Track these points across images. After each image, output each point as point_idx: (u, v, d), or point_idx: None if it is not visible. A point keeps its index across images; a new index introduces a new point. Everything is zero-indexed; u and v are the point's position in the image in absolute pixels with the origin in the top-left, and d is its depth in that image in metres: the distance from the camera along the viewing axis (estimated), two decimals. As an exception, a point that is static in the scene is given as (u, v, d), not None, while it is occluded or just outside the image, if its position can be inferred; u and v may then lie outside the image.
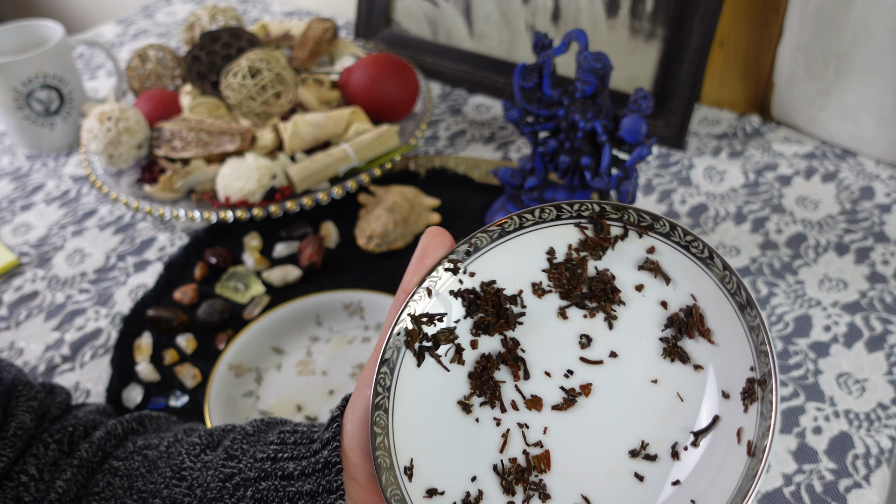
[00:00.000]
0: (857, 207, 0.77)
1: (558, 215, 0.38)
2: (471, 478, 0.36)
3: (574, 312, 0.38)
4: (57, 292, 0.73)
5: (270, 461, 0.39)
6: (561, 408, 0.36)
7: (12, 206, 0.85)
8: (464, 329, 0.38)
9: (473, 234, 0.38)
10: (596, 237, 0.38)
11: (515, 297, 0.39)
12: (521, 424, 0.36)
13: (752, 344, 0.33)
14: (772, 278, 0.69)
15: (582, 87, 0.63)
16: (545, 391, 0.37)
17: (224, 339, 0.66)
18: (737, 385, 0.33)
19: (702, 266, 0.35)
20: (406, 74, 0.82)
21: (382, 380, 0.37)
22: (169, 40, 1.17)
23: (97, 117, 0.76)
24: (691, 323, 0.35)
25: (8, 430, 0.42)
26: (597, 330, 0.37)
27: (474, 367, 0.38)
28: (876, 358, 0.62)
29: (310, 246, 0.73)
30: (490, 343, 0.38)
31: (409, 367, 0.37)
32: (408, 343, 0.37)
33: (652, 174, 0.83)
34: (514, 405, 0.37)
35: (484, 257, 0.39)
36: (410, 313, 0.38)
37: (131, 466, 0.42)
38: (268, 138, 0.76)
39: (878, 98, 0.77)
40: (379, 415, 0.36)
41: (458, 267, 0.38)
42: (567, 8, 0.88)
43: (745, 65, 0.88)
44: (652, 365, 0.36)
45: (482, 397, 0.37)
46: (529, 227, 0.39)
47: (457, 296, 0.38)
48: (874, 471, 0.54)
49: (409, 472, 0.35)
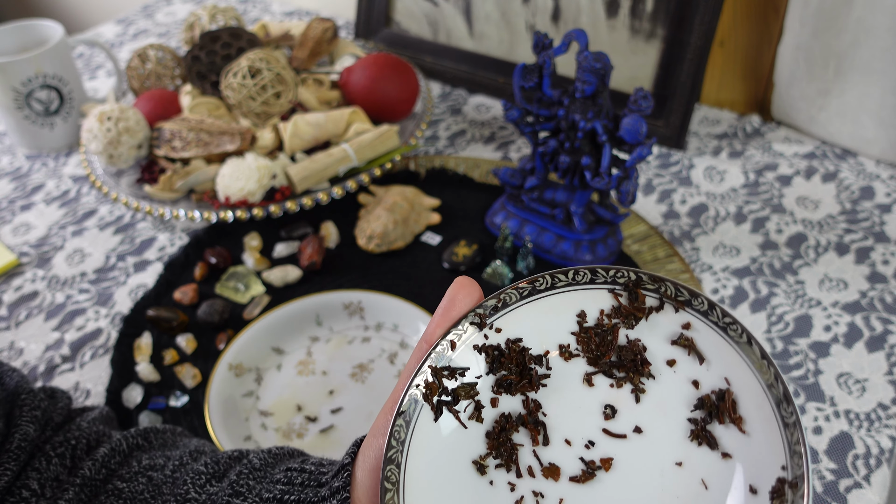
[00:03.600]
0: (858, 207, 0.77)
1: (592, 279, 0.37)
2: None
3: (601, 380, 0.36)
4: (57, 292, 0.73)
5: (276, 503, 0.38)
6: (579, 480, 0.35)
7: (12, 206, 0.85)
8: (485, 386, 0.37)
9: (503, 290, 0.37)
10: (630, 306, 0.36)
11: (541, 357, 0.37)
12: (535, 493, 0.35)
13: (785, 441, 0.31)
14: (772, 278, 0.69)
15: (582, 87, 0.63)
16: (564, 460, 0.35)
17: (224, 339, 0.66)
18: (766, 482, 0.31)
19: (739, 351, 0.34)
20: (406, 74, 0.82)
21: (397, 433, 0.35)
22: (169, 40, 1.17)
23: (97, 117, 0.76)
24: (723, 408, 0.34)
25: (12, 441, 0.41)
26: (623, 402, 0.36)
27: (493, 426, 0.37)
28: (876, 358, 0.62)
29: (310, 246, 0.73)
30: (511, 403, 0.37)
31: (425, 421, 0.36)
32: (426, 396, 0.36)
33: (652, 174, 0.83)
34: (530, 471, 0.36)
35: (512, 314, 0.37)
36: (431, 365, 0.37)
37: (135, 489, 0.41)
38: (268, 138, 0.76)
39: (879, 98, 0.77)
40: (391, 469, 0.35)
41: (485, 322, 0.37)
42: (567, 8, 0.88)
43: (745, 65, 0.88)
44: (678, 446, 0.34)
45: (498, 459, 0.36)
46: (562, 287, 0.37)
47: (481, 351, 0.37)
48: (874, 471, 0.54)
49: None
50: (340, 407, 0.60)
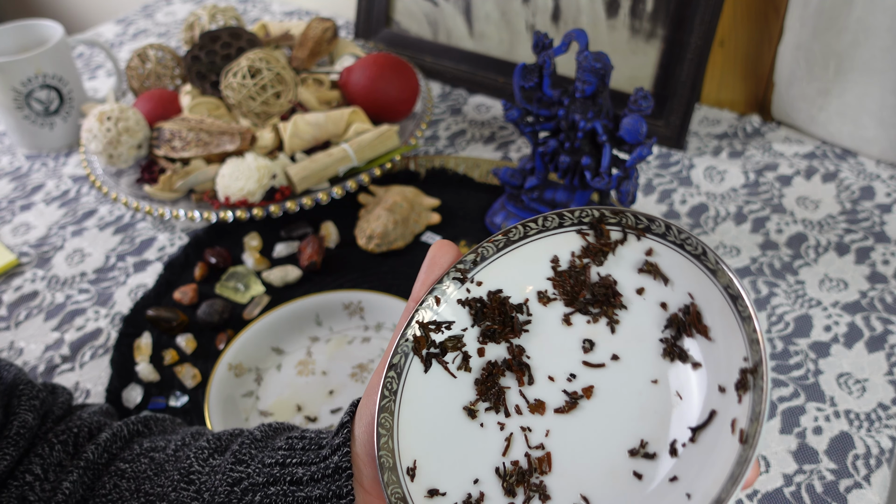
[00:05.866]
0: (858, 207, 0.77)
1: (560, 223, 0.39)
2: (473, 480, 0.36)
3: (578, 318, 0.38)
4: (57, 292, 0.73)
5: (279, 466, 0.39)
6: (563, 410, 0.37)
7: (12, 206, 0.85)
8: (471, 337, 0.39)
9: (480, 245, 0.39)
10: (597, 243, 0.38)
11: (521, 305, 0.39)
12: (524, 428, 0.37)
13: (744, 334, 0.33)
14: (772, 278, 0.69)
15: (582, 87, 0.63)
16: (548, 395, 0.37)
17: (224, 339, 0.66)
18: (732, 377, 0.33)
19: (696, 263, 0.36)
20: (406, 74, 0.82)
21: (389, 384, 0.37)
22: (169, 40, 1.17)
23: (97, 117, 0.76)
24: (689, 321, 0.36)
25: (10, 428, 0.42)
26: (600, 335, 0.38)
27: (480, 373, 0.39)
28: (876, 358, 0.62)
29: (310, 246, 0.73)
30: (496, 350, 0.39)
31: (416, 373, 0.38)
32: (415, 349, 0.38)
33: (652, 174, 0.83)
34: (517, 409, 0.38)
35: (490, 267, 0.39)
36: (419, 320, 0.39)
37: (138, 469, 0.42)
38: (268, 138, 0.76)
39: (879, 98, 0.77)
40: (385, 417, 0.36)
41: (466, 277, 0.39)
42: (567, 8, 0.88)
43: (746, 65, 0.88)
44: (652, 366, 0.36)
45: (487, 402, 0.38)
46: (534, 235, 0.39)
47: (464, 305, 0.39)
48: (874, 471, 0.54)
49: (411, 473, 0.36)
50: (340, 407, 0.60)
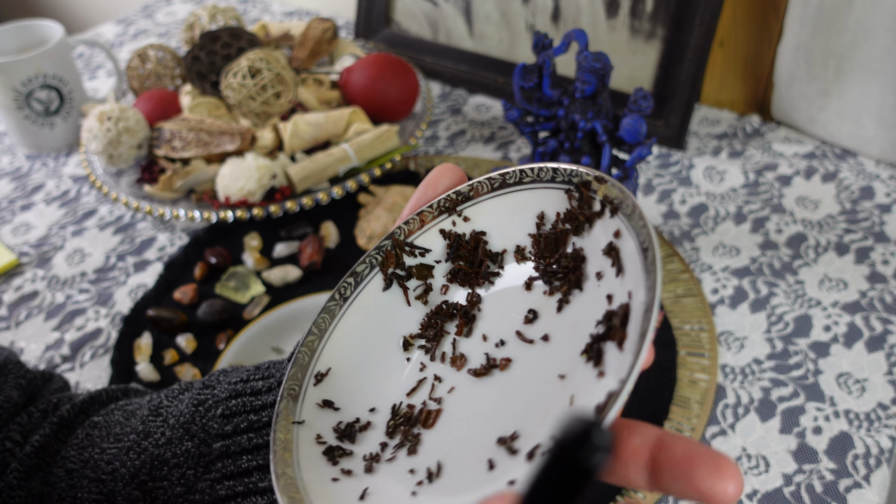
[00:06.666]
0: (857, 207, 0.77)
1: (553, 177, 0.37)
2: (370, 408, 0.35)
3: (538, 285, 0.36)
4: (57, 292, 0.73)
5: (242, 382, 0.39)
6: (475, 374, 0.35)
7: (12, 206, 0.85)
8: (440, 271, 0.38)
9: (478, 179, 0.38)
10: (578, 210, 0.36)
11: (498, 255, 0.38)
12: (437, 377, 0.36)
13: (632, 358, 0.29)
14: (772, 278, 0.69)
15: (582, 87, 0.63)
16: (473, 354, 0.36)
17: (224, 339, 0.66)
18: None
19: (642, 259, 0.31)
20: (406, 74, 0.82)
21: (343, 289, 0.37)
22: (169, 40, 1.17)
23: (97, 117, 0.76)
24: (615, 324, 0.31)
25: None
26: (547, 309, 0.35)
27: (432, 310, 0.37)
28: (876, 358, 0.62)
29: (310, 246, 0.73)
30: (458, 294, 0.38)
31: (374, 288, 0.37)
32: (382, 265, 0.37)
33: (652, 174, 0.83)
34: (443, 357, 0.36)
35: (481, 205, 0.38)
36: (396, 237, 0.37)
37: (111, 419, 0.42)
38: (268, 138, 0.76)
39: (878, 98, 0.77)
40: (324, 317, 0.36)
41: (455, 209, 0.38)
42: (567, 8, 0.88)
43: (745, 65, 0.88)
44: (570, 359, 0.32)
45: (424, 340, 0.37)
46: (528, 183, 0.37)
47: (445, 236, 0.38)
48: (874, 471, 0.54)
49: (319, 378, 0.35)
50: (340, 407, 0.60)
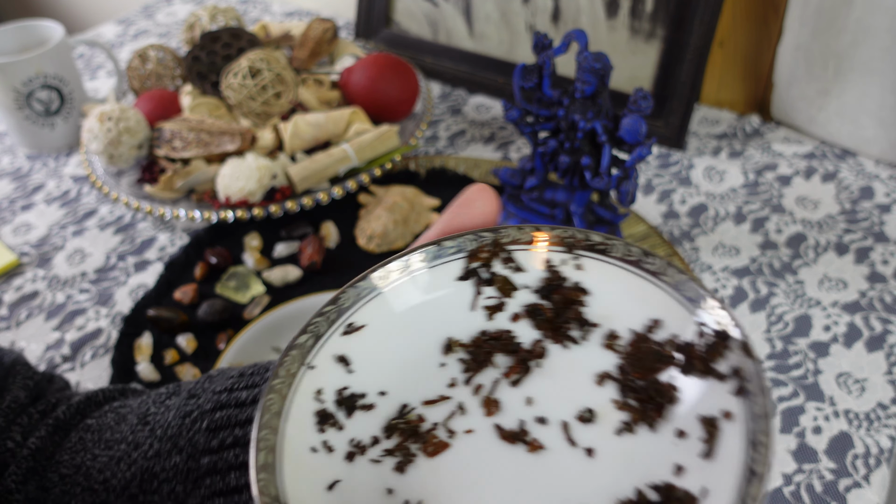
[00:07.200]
0: (857, 207, 0.77)
1: (695, 299, 0.31)
2: (381, 391, 0.32)
3: (610, 388, 0.31)
4: (57, 292, 0.73)
5: (227, 392, 0.39)
6: (501, 434, 0.31)
7: (12, 206, 0.85)
8: (520, 298, 0.33)
9: (618, 240, 0.32)
10: (702, 353, 0.30)
11: (588, 324, 0.33)
12: (461, 407, 0.32)
13: None
14: (772, 278, 0.69)
15: (582, 87, 0.63)
16: (510, 409, 0.31)
17: (224, 339, 0.66)
18: None
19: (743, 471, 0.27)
20: (406, 74, 0.82)
21: (423, 254, 0.33)
22: (169, 40, 1.17)
23: (97, 117, 0.76)
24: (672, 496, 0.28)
25: (3, 402, 0.43)
26: (606, 419, 0.30)
27: (494, 332, 0.33)
28: (876, 358, 0.62)
29: (310, 246, 0.73)
30: (524, 331, 0.33)
31: (449, 271, 0.34)
32: (472, 253, 0.33)
33: (652, 174, 0.83)
34: (477, 389, 0.32)
35: (605, 266, 0.33)
36: (498, 239, 0.33)
37: (103, 423, 0.42)
38: (268, 138, 0.76)
39: (878, 98, 0.77)
40: (384, 272, 0.33)
41: (573, 250, 0.33)
42: (567, 8, 0.88)
43: (745, 65, 0.88)
44: (604, 499, 0.28)
45: (465, 355, 0.33)
46: (665, 284, 0.32)
47: (548, 269, 0.33)
48: (874, 470, 0.54)
49: (350, 329, 0.32)
50: (340, 407, 0.60)
